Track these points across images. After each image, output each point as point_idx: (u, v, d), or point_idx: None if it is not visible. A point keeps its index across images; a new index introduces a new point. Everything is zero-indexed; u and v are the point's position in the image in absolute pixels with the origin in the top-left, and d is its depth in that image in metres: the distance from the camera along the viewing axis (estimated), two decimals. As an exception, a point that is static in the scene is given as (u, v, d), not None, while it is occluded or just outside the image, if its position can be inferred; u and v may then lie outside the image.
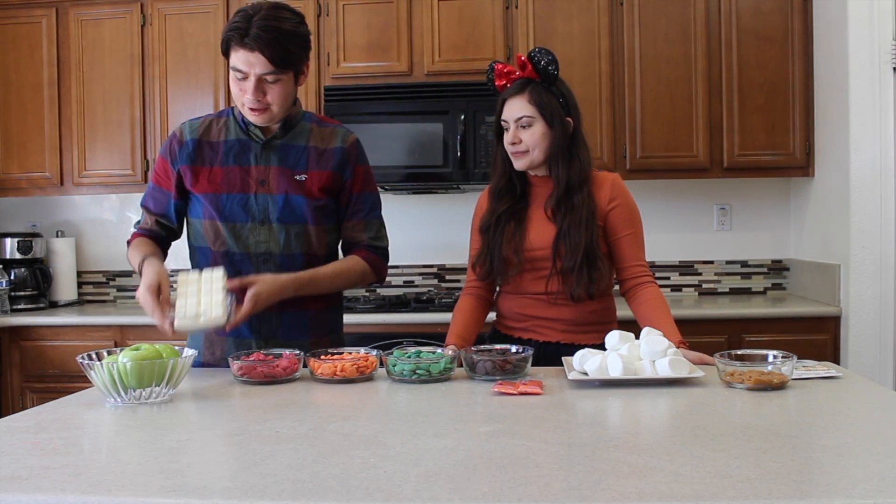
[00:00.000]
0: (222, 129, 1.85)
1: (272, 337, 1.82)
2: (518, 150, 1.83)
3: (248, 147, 1.83)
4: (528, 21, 3.17)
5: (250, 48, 1.67)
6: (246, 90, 1.71)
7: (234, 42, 1.68)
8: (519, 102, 1.82)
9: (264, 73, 1.69)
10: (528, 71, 1.82)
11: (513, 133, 1.82)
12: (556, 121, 1.81)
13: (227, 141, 1.83)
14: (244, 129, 1.83)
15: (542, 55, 1.80)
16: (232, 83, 1.75)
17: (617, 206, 1.86)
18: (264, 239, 1.81)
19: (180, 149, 1.83)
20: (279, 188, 1.81)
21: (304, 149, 1.84)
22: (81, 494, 0.91)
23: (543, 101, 1.81)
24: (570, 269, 1.79)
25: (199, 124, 1.86)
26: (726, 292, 3.50)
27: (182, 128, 1.87)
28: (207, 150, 1.83)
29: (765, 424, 1.19)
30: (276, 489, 0.91)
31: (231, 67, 1.72)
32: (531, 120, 1.81)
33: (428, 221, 3.57)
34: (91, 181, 3.42)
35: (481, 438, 1.12)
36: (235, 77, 1.72)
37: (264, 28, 1.66)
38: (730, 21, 3.14)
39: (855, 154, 2.82)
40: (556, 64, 1.81)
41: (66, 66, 3.41)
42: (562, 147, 1.82)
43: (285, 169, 1.82)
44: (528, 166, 1.85)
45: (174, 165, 1.84)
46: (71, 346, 3.08)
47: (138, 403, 1.38)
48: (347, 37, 3.24)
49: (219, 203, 1.80)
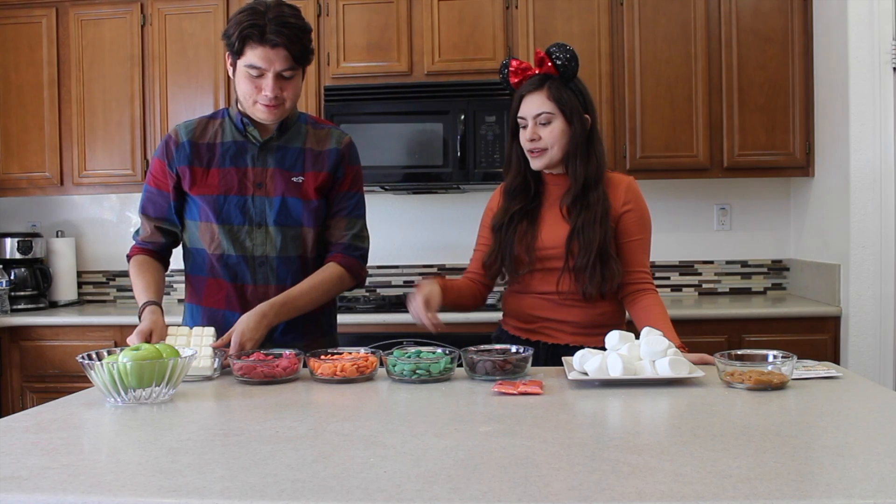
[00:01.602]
0: (218, 130, 1.84)
1: (268, 342, 1.80)
2: (537, 148, 1.81)
3: (244, 149, 1.82)
4: (528, 21, 3.17)
5: (272, 44, 1.67)
6: (262, 87, 1.71)
7: (252, 40, 1.67)
8: (538, 98, 1.79)
9: (284, 68, 1.70)
10: (546, 68, 1.80)
11: (532, 130, 1.80)
12: (576, 117, 1.80)
13: (223, 143, 1.82)
14: (241, 130, 1.82)
15: (561, 51, 1.78)
16: (243, 82, 1.73)
17: (631, 210, 1.85)
18: (261, 242, 1.81)
19: (177, 150, 1.82)
20: (276, 190, 1.81)
21: (300, 150, 1.84)
22: (81, 494, 0.91)
23: (563, 98, 1.79)
24: (584, 266, 1.78)
25: (195, 126, 1.85)
26: (726, 292, 3.50)
27: (177, 129, 1.85)
28: (204, 151, 1.82)
29: (765, 424, 1.19)
30: (276, 489, 0.91)
31: (246, 66, 1.70)
32: (550, 116, 1.79)
33: (428, 221, 3.57)
34: (91, 181, 3.42)
35: (481, 438, 1.12)
36: (249, 75, 1.71)
37: (282, 24, 1.67)
38: (730, 21, 3.14)
39: (855, 154, 2.82)
40: (576, 60, 1.79)
41: (66, 66, 3.41)
42: (580, 144, 1.81)
43: (283, 171, 1.82)
44: (545, 165, 1.83)
45: (171, 167, 1.83)
46: (71, 346, 3.08)
47: (138, 403, 1.38)
48: (347, 37, 3.24)
49: (216, 205, 1.80)
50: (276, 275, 1.82)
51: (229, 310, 1.83)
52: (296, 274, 1.84)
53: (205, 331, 1.65)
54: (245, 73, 1.72)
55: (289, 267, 1.83)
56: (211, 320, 1.83)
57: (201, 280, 1.86)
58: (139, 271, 1.83)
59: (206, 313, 1.86)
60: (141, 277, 1.81)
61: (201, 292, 1.87)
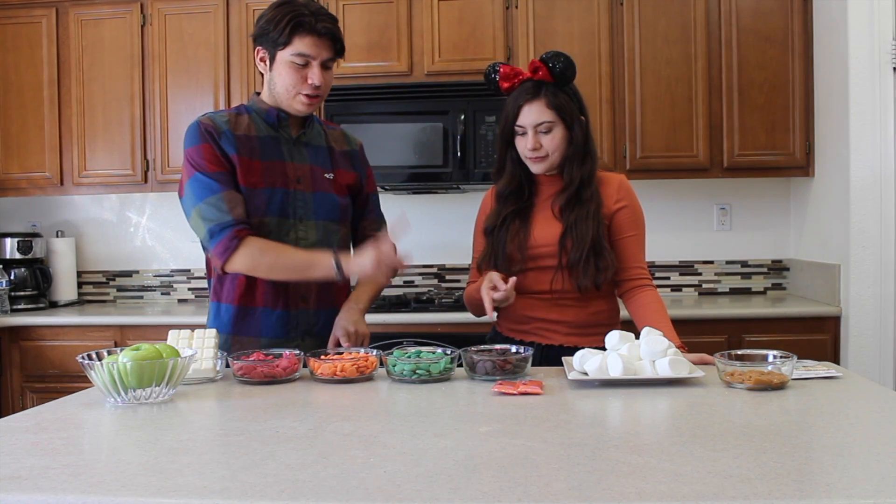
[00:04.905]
0: (250, 124, 1.81)
1: (308, 337, 1.83)
2: (538, 156, 1.81)
3: (279, 143, 1.82)
4: (528, 21, 3.17)
5: (321, 33, 1.72)
6: (308, 76, 1.74)
7: (303, 28, 1.71)
8: (537, 107, 1.79)
9: (328, 58, 1.76)
10: (541, 75, 1.79)
11: (533, 139, 1.79)
12: (575, 123, 1.81)
13: (259, 136, 1.80)
14: (274, 125, 1.82)
15: (557, 59, 1.77)
16: (286, 73, 1.74)
17: (624, 207, 1.86)
18: (303, 236, 1.81)
19: (221, 137, 1.74)
20: (313, 186, 1.83)
21: (326, 148, 1.90)
22: (81, 494, 0.91)
23: (561, 104, 1.79)
24: (577, 260, 1.79)
25: (227, 117, 1.79)
26: (726, 292, 3.50)
27: (210, 118, 1.77)
28: (245, 142, 1.77)
29: (765, 424, 1.19)
30: (276, 489, 0.91)
31: (293, 55, 1.72)
32: (551, 125, 1.79)
33: (428, 221, 3.57)
34: (91, 181, 3.42)
35: (481, 438, 1.12)
36: (294, 65, 1.73)
37: (327, 15, 1.75)
38: (730, 21, 3.14)
39: (855, 154, 2.82)
40: (573, 68, 1.79)
41: (66, 66, 3.41)
42: (578, 148, 1.82)
43: (316, 167, 1.85)
44: (546, 170, 1.84)
45: (222, 152, 1.73)
46: (71, 346, 3.08)
47: (138, 403, 1.38)
48: (347, 37, 3.20)
49: (264, 198, 1.76)
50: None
51: (267, 307, 1.79)
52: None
53: (206, 332, 1.65)
54: (289, 63, 1.73)
55: None
56: (246, 319, 1.79)
57: (235, 276, 1.78)
58: (281, 249, 1.73)
59: (240, 312, 1.80)
60: (297, 251, 1.75)
61: (235, 289, 1.80)
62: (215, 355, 1.61)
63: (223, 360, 1.64)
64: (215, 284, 1.84)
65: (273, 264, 1.71)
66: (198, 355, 1.57)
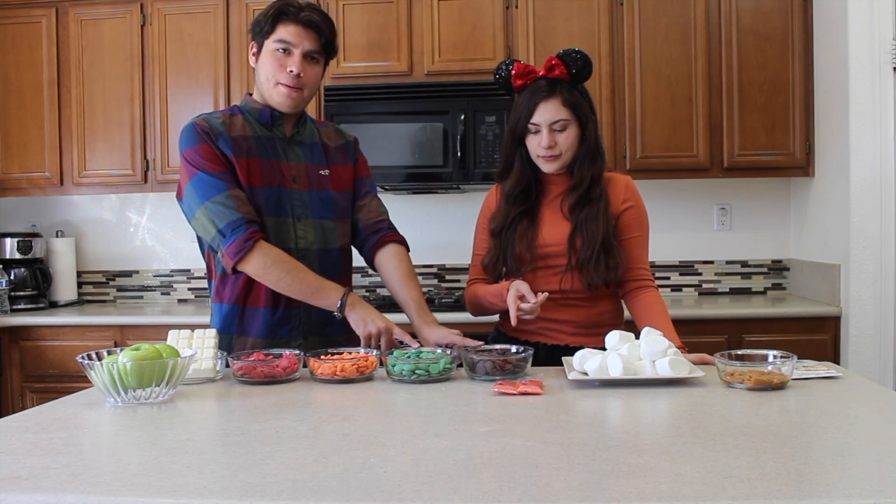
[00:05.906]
0: (244, 125, 1.81)
1: (311, 335, 1.83)
2: (552, 155, 1.80)
3: (273, 142, 1.82)
4: (528, 21, 3.17)
5: (304, 23, 1.74)
6: (287, 64, 1.74)
7: (287, 16, 1.73)
8: (553, 105, 1.78)
9: (311, 50, 1.75)
10: (557, 72, 1.78)
11: (548, 137, 1.78)
12: (589, 121, 1.81)
13: (254, 136, 1.80)
14: (268, 124, 1.82)
15: (576, 57, 1.77)
16: (268, 61, 1.76)
17: (630, 208, 1.86)
18: (302, 235, 1.81)
19: (218, 139, 1.75)
20: (309, 184, 1.83)
21: (320, 145, 1.89)
22: (81, 494, 0.91)
23: (577, 103, 1.79)
24: (588, 258, 1.79)
25: (221, 119, 1.79)
26: (726, 292, 3.50)
27: (205, 119, 1.77)
28: (241, 143, 1.77)
29: (765, 424, 1.19)
30: (276, 489, 0.91)
31: (275, 41, 1.74)
32: (566, 123, 1.79)
33: (428, 221, 3.57)
34: (91, 181, 3.42)
35: (481, 438, 1.12)
36: (276, 52, 1.74)
37: (315, 9, 1.77)
38: (730, 21, 3.14)
39: (855, 154, 2.82)
40: (591, 66, 1.79)
41: (66, 66, 3.41)
42: (590, 147, 1.82)
43: (311, 165, 1.85)
44: (558, 169, 1.83)
45: (222, 152, 1.74)
46: (71, 346, 3.08)
47: (138, 403, 1.38)
48: (347, 37, 3.24)
49: (262, 198, 1.76)
50: (317, 267, 1.79)
51: (269, 307, 1.79)
52: (335, 266, 1.85)
53: (206, 333, 1.65)
54: (272, 51, 1.75)
55: (329, 259, 1.83)
56: (248, 320, 1.79)
57: (237, 276, 1.77)
58: (294, 264, 1.72)
59: (242, 313, 1.80)
60: (307, 272, 1.74)
61: (237, 290, 1.79)
62: (215, 355, 1.61)
63: (223, 360, 1.64)
64: (217, 285, 1.84)
65: (282, 278, 1.71)
66: (198, 355, 1.57)
